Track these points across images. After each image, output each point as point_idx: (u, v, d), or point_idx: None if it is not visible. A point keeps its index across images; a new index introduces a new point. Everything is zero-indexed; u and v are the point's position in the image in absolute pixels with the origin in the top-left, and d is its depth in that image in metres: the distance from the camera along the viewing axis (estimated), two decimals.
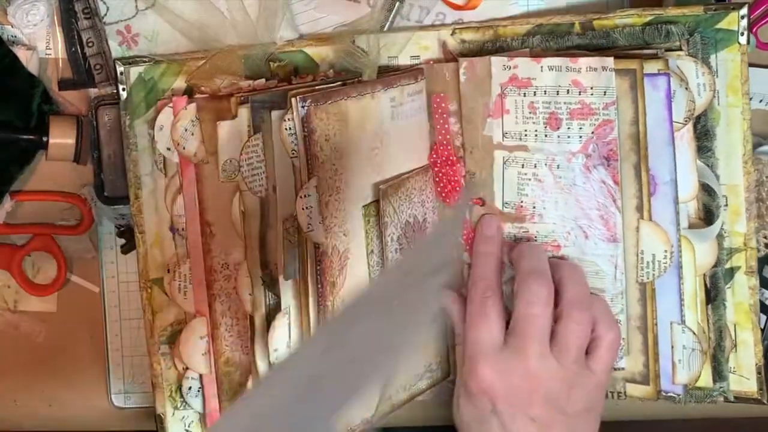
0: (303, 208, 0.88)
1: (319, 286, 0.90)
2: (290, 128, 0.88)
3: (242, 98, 0.91)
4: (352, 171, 0.92)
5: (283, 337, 0.92)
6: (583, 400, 0.92)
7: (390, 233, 0.95)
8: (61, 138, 1.03)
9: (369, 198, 0.94)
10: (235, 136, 0.91)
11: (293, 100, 0.87)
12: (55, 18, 1.03)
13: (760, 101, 1.04)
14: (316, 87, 0.91)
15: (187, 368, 1.00)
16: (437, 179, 0.99)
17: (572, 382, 0.91)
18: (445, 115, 0.99)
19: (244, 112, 0.91)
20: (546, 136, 0.96)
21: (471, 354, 0.92)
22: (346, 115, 0.91)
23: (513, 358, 0.91)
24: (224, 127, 0.91)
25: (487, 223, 0.98)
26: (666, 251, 0.95)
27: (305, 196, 0.88)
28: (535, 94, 0.95)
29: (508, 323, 0.94)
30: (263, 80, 0.97)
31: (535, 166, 0.96)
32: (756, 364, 1.00)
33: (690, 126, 0.96)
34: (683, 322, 0.97)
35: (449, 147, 0.99)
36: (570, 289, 0.93)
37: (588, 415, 0.93)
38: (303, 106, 0.87)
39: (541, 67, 0.95)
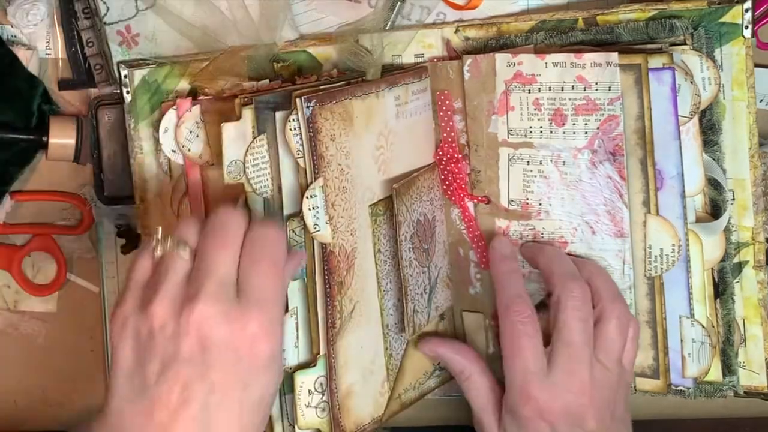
0: (309, 209, 0.89)
1: (327, 286, 0.91)
2: (294, 128, 0.89)
3: (246, 99, 0.91)
4: (359, 170, 0.93)
5: (291, 337, 0.93)
6: (624, 400, 0.94)
7: (404, 232, 0.96)
8: (61, 138, 1.04)
9: (376, 197, 0.95)
10: (239, 138, 0.91)
11: (297, 100, 0.88)
12: (55, 18, 1.04)
13: (761, 101, 1.05)
14: (320, 87, 0.92)
15: None
16: (442, 177, 1.01)
17: (618, 385, 0.93)
18: (450, 113, 1.00)
19: (248, 114, 0.91)
20: (551, 132, 0.97)
21: (521, 382, 0.92)
22: (351, 115, 0.92)
23: (567, 377, 0.91)
24: (228, 129, 0.91)
25: (501, 244, 0.99)
26: (674, 245, 0.96)
27: (311, 196, 0.89)
28: (539, 91, 0.96)
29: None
30: (267, 81, 0.97)
31: (541, 163, 0.98)
32: (766, 359, 1.01)
33: (696, 120, 0.96)
34: (692, 315, 0.98)
35: (454, 144, 1.01)
36: (604, 286, 0.94)
37: (627, 414, 0.95)
38: (308, 107, 0.88)
39: (546, 63, 0.96)
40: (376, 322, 0.97)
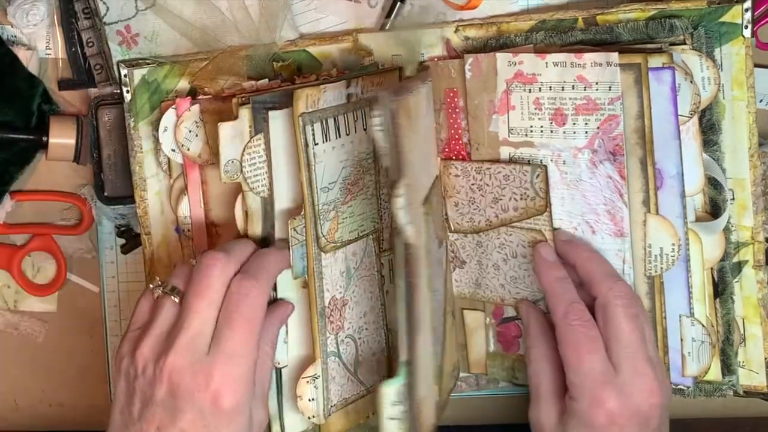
0: (398, 208, 0.83)
1: (409, 289, 0.85)
2: (379, 124, 0.83)
3: (243, 99, 0.92)
4: (415, 168, 0.90)
5: (280, 334, 0.94)
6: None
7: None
8: (61, 138, 1.05)
9: (424, 194, 0.93)
10: (236, 137, 0.92)
11: (382, 94, 0.82)
12: (55, 18, 1.05)
13: (760, 101, 1.05)
14: (320, 84, 0.92)
15: None
16: None
17: (665, 373, 0.94)
18: (457, 110, 1.01)
19: (245, 113, 0.91)
20: (552, 132, 0.97)
21: (591, 386, 0.90)
22: (410, 111, 0.89)
23: (636, 378, 0.90)
24: (225, 129, 0.91)
25: (546, 251, 0.97)
26: (674, 244, 0.96)
27: (399, 195, 0.83)
28: (540, 90, 0.96)
29: None
30: (266, 80, 0.98)
31: (541, 162, 0.97)
32: (765, 358, 1.01)
33: (695, 119, 0.96)
34: (692, 314, 0.98)
35: (460, 142, 1.01)
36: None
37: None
38: (393, 101, 0.83)
39: (546, 63, 0.96)
40: (430, 326, 0.94)
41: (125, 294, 1.11)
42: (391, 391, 0.87)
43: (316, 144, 0.92)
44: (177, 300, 0.89)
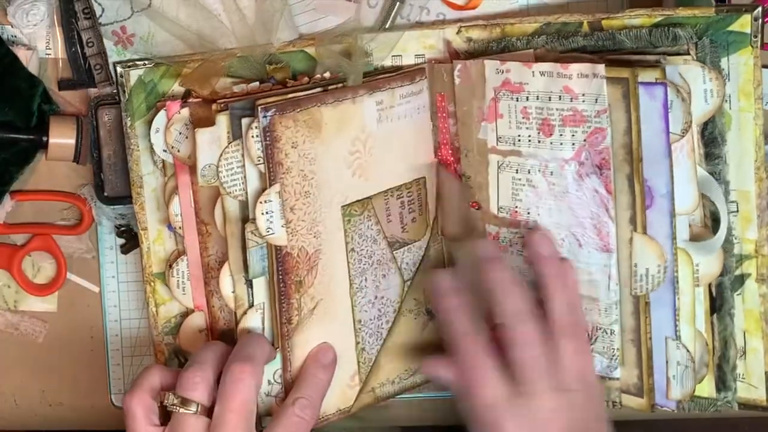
0: (262, 213, 0.94)
1: (282, 285, 0.96)
2: (256, 136, 0.94)
3: (222, 105, 0.95)
4: (326, 175, 0.97)
5: (257, 330, 0.99)
6: (597, 410, 0.96)
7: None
8: (61, 138, 1.06)
9: (348, 199, 1.00)
10: (213, 143, 0.95)
11: (258, 109, 0.93)
12: (55, 18, 1.06)
13: (766, 103, 1.03)
14: (288, 95, 0.96)
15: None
16: None
17: (583, 404, 0.95)
18: (445, 115, 1.02)
19: (222, 119, 0.95)
20: (539, 142, 0.97)
21: (489, 418, 0.93)
22: (318, 122, 0.96)
23: (529, 405, 0.92)
24: (203, 134, 0.95)
25: (440, 277, 0.99)
26: (659, 265, 0.96)
27: (265, 201, 0.94)
28: (527, 99, 0.97)
29: None
30: (257, 84, 1.00)
31: (529, 172, 0.98)
32: (765, 372, 1.01)
33: (689, 137, 0.96)
34: (678, 337, 0.98)
35: (449, 148, 1.03)
36: (557, 312, 0.96)
37: (600, 425, 0.96)
38: (265, 116, 0.93)
39: (533, 72, 0.96)
40: (345, 318, 1.02)
41: (125, 294, 1.13)
42: (266, 370, 0.99)
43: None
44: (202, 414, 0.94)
